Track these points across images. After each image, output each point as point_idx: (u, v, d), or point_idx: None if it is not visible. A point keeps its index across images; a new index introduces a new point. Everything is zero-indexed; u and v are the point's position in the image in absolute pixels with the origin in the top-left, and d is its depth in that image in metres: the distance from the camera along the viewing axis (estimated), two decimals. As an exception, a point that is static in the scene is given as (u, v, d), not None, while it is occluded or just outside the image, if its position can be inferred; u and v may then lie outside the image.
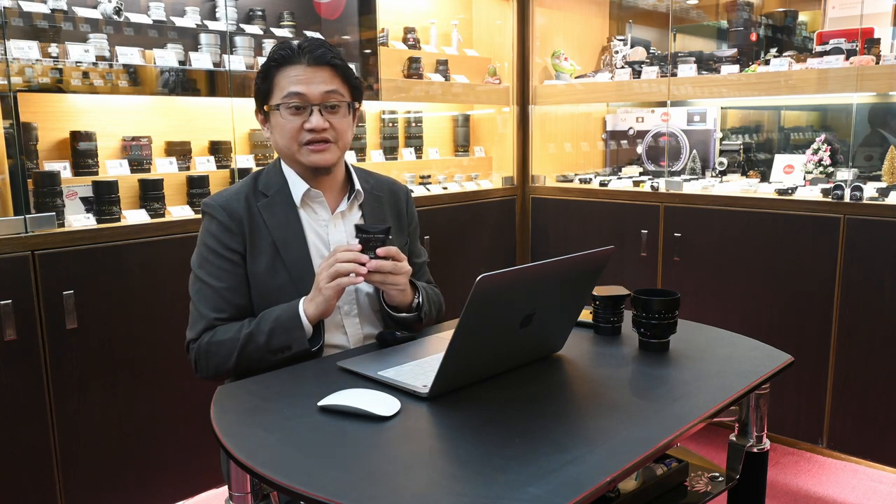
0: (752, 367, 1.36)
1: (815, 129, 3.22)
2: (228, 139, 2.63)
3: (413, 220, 1.77)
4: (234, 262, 1.51)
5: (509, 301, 1.18)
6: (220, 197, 1.55)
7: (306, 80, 1.50)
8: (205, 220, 1.55)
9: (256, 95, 1.57)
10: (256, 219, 1.53)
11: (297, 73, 1.50)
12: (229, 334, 1.45)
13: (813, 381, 2.61)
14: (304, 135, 1.51)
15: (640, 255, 2.99)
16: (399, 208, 1.72)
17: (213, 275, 1.50)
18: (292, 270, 1.51)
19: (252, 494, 1.17)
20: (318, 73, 1.51)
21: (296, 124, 1.51)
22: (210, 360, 1.47)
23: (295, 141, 1.52)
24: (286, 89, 1.50)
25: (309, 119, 1.51)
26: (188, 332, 1.51)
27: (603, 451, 1.02)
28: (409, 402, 1.19)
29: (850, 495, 2.49)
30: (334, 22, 2.93)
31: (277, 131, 1.54)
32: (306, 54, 1.50)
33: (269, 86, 1.52)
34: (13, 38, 2.06)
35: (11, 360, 1.95)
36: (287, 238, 1.53)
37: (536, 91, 3.48)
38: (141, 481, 2.24)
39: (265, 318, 1.45)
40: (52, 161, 2.28)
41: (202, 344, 1.47)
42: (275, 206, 1.55)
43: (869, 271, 2.46)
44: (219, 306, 1.49)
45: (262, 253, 1.52)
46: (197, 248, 1.54)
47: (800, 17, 3.36)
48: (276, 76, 1.51)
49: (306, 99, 1.50)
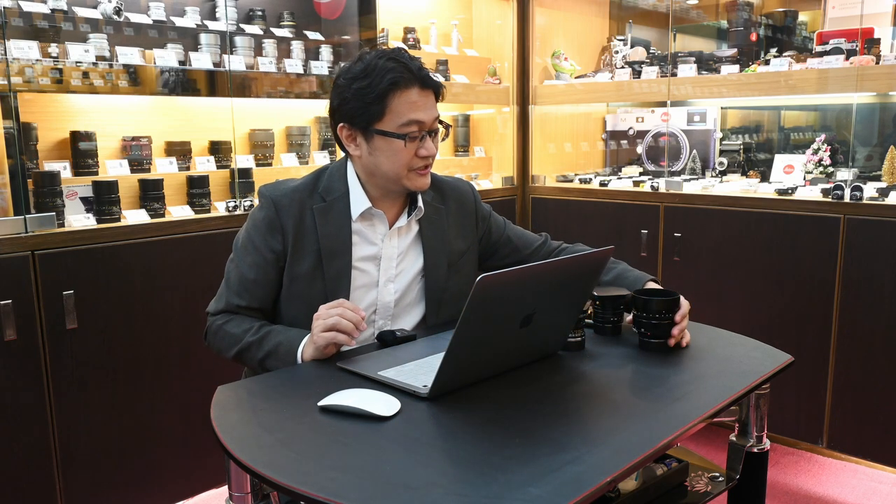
0: (752, 367, 1.36)
1: (815, 129, 3.21)
2: (228, 139, 2.63)
3: (485, 214, 1.74)
4: (268, 259, 1.50)
5: (509, 301, 1.18)
6: (277, 189, 1.52)
7: (423, 106, 1.46)
8: (257, 207, 1.54)
9: (359, 113, 1.46)
10: (308, 221, 1.51)
11: (415, 99, 1.44)
12: (237, 331, 1.47)
13: (813, 381, 2.61)
14: (416, 161, 1.48)
15: (640, 255, 2.99)
16: (466, 212, 1.68)
17: (247, 263, 1.51)
18: (328, 284, 1.50)
19: (252, 494, 1.17)
20: (429, 98, 1.48)
21: (411, 151, 1.47)
22: (216, 341, 1.52)
23: (405, 167, 1.48)
24: (405, 116, 1.44)
25: (424, 145, 1.47)
26: (211, 304, 1.55)
27: (603, 451, 1.02)
28: (409, 402, 1.19)
29: (850, 495, 2.49)
30: (334, 22, 2.93)
31: (385, 156, 1.47)
32: (418, 78, 1.45)
33: (381, 109, 1.44)
34: (13, 38, 2.06)
35: (11, 360, 1.95)
36: (333, 250, 1.51)
37: (536, 91, 3.48)
38: (141, 481, 2.24)
39: (268, 339, 1.45)
40: (52, 161, 2.28)
41: (215, 324, 1.52)
42: (330, 213, 1.52)
43: (869, 271, 2.46)
44: (241, 294, 1.51)
45: (307, 257, 1.50)
46: (243, 227, 1.55)
47: (800, 17, 3.36)
48: (393, 100, 1.43)
49: (423, 126, 1.47)
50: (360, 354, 1.44)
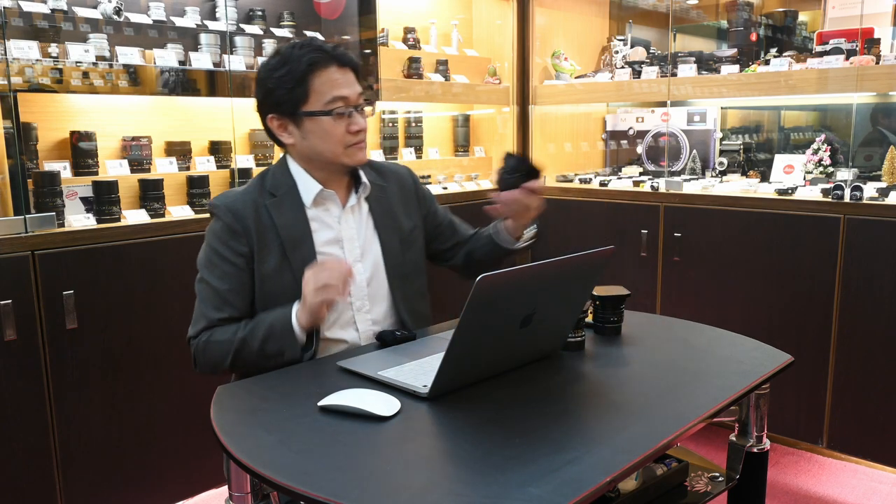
0: (752, 367, 1.36)
1: (815, 129, 3.21)
2: (228, 139, 2.63)
3: (427, 195, 1.78)
4: (237, 265, 1.51)
5: (509, 301, 1.18)
6: (227, 198, 1.54)
7: (345, 82, 1.50)
8: (211, 221, 1.55)
9: (283, 101, 1.50)
10: (264, 219, 1.52)
11: (336, 77, 1.49)
12: (226, 336, 1.47)
13: (813, 381, 2.61)
14: (349, 137, 1.52)
15: (640, 255, 2.99)
16: (407, 192, 1.72)
17: (216, 276, 1.51)
18: (298, 272, 1.51)
19: (252, 494, 1.18)
20: (349, 75, 1.52)
21: (342, 127, 1.51)
22: (207, 358, 1.49)
23: (341, 144, 1.52)
24: (328, 94, 1.48)
25: (354, 121, 1.51)
26: (190, 329, 1.53)
27: (603, 451, 1.02)
28: (409, 402, 1.19)
29: (850, 495, 2.49)
30: (334, 22, 2.93)
31: (318, 136, 1.51)
32: (334, 57, 1.49)
33: (304, 91, 1.48)
34: (13, 38, 2.06)
35: (11, 360, 1.95)
36: (295, 239, 1.53)
37: (536, 91, 3.48)
38: (141, 481, 2.24)
39: (259, 324, 1.46)
40: (52, 161, 2.28)
41: (200, 342, 1.50)
42: (283, 205, 1.54)
43: (869, 271, 2.46)
44: (219, 306, 1.50)
45: (272, 253, 1.52)
46: (203, 247, 1.55)
47: (800, 17, 3.36)
48: (314, 80, 1.48)
49: (349, 102, 1.50)
50: (360, 354, 1.44)
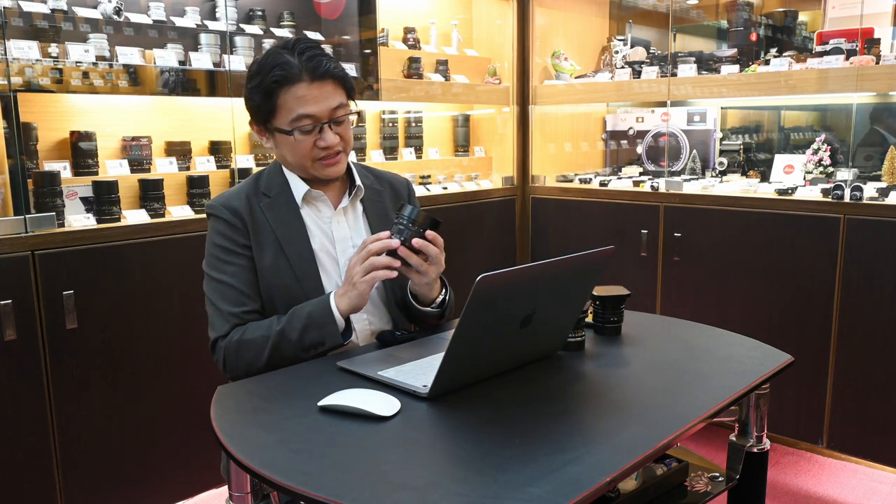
0: (752, 367, 1.36)
1: (815, 129, 3.21)
2: (228, 139, 2.63)
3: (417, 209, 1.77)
4: (247, 256, 1.50)
5: (509, 301, 1.18)
6: (221, 198, 1.55)
7: (314, 99, 1.46)
8: (210, 223, 1.54)
9: (255, 111, 1.50)
10: (259, 217, 1.52)
11: (303, 93, 1.45)
12: (259, 332, 1.44)
13: (813, 381, 2.61)
14: (317, 152, 1.50)
15: (640, 255, 2.99)
16: (400, 198, 1.72)
17: (229, 272, 1.49)
18: (296, 267, 1.51)
19: (252, 494, 1.17)
20: (322, 89, 1.47)
21: (308, 143, 1.49)
22: (241, 358, 1.45)
23: (308, 158, 1.51)
24: (294, 111, 1.45)
25: (322, 137, 1.49)
26: (212, 332, 1.49)
27: (603, 451, 1.02)
28: (409, 402, 1.19)
29: (850, 495, 2.49)
30: (334, 22, 2.93)
31: (286, 149, 1.51)
32: (306, 71, 1.45)
33: (272, 106, 1.46)
34: (13, 38, 2.06)
35: (11, 360, 1.95)
36: (290, 235, 1.53)
37: (536, 91, 3.48)
38: (141, 481, 2.24)
39: (296, 315, 1.44)
40: (52, 161, 2.28)
41: (232, 342, 1.45)
42: (277, 205, 1.54)
43: (869, 271, 2.46)
44: (241, 301, 1.48)
45: (267, 249, 1.51)
46: (207, 252, 1.53)
47: (800, 17, 3.36)
48: (280, 97, 1.45)
49: (317, 119, 1.47)
50: (360, 354, 1.44)
